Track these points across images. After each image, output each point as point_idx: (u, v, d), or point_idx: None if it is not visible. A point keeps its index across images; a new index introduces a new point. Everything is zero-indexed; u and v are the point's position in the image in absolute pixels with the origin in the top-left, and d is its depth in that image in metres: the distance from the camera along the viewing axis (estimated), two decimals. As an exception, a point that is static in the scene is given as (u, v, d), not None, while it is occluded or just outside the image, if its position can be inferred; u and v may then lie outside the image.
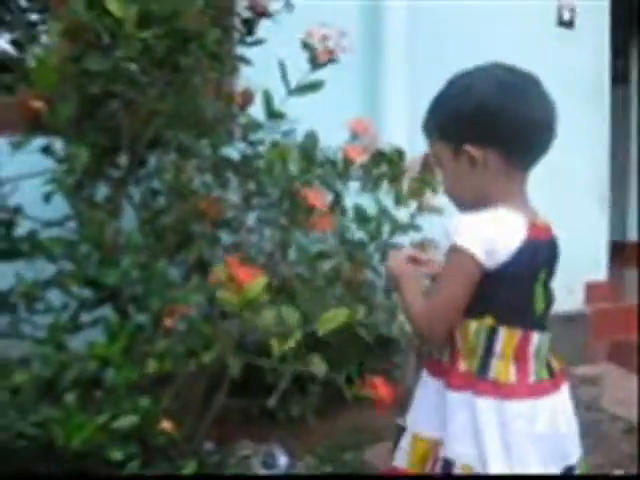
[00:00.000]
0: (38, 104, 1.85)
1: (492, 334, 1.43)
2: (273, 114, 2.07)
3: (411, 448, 1.52)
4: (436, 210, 2.53)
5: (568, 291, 4.04)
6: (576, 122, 3.65)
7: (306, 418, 2.83)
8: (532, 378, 1.44)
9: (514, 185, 1.47)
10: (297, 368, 1.86)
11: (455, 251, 1.39)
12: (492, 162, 1.42)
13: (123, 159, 2.07)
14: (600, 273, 4.45)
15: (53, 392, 1.78)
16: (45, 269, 2.04)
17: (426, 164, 2.18)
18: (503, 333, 1.43)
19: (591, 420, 3.35)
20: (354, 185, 2.35)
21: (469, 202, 1.47)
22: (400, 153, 2.16)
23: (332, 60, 2.00)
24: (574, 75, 4.05)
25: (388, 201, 2.46)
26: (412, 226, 2.59)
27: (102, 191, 2.20)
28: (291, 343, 1.74)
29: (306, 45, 2.01)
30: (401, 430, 1.59)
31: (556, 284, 1.53)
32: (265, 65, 2.22)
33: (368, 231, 2.28)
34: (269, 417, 2.81)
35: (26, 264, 2.04)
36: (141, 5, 1.83)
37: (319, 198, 1.93)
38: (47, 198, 2.18)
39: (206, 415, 2.24)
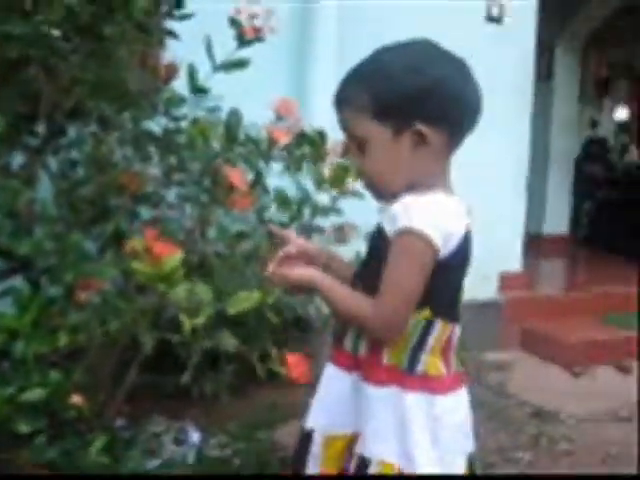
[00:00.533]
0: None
1: (427, 327, 1.35)
2: (197, 89, 2.05)
3: (325, 449, 1.45)
4: (357, 194, 2.57)
5: (483, 279, 4.16)
6: (498, 115, 3.75)
7: (220, 396, 2.84)
8: (453, 370, 1.41)
9: (447, 168, 1.40)
10: (206, 344, 1.86)
11: (408, 234, 1.28)
12: (438, 142, 1.34)
13: (41, 127, 2.01)
14: (515, 263, 4.59)
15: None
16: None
17: (348, 149, 2.20)
18: (438, 326, 1.36)
19: (499, 405, 3.48)
20: (277, 167, 2.37)
21: (400, 188, 1.35)
22: (322, 135, 2.17)
23: (259, 39, 2.00)
24: (500, 70, 4.14)
25: (310, 184, 2.48)
26: (333, 209, 2.62)
27: (18, 160, 2.15)
28: (201, 320, 1.73)
29: (234, 22, 1.99)
30: (306, 435, 1.49)
31: (472, 272, 1.49)
32: (193, 40, 2.20)
33: (289, 213, 2.28)
34: (183, 394, 2.81)
35: None
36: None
37: (240, 177, 1.93)
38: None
39: (117, 391, 2.23)
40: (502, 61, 4.15)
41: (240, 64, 2.02)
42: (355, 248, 2.90)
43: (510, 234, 4.47)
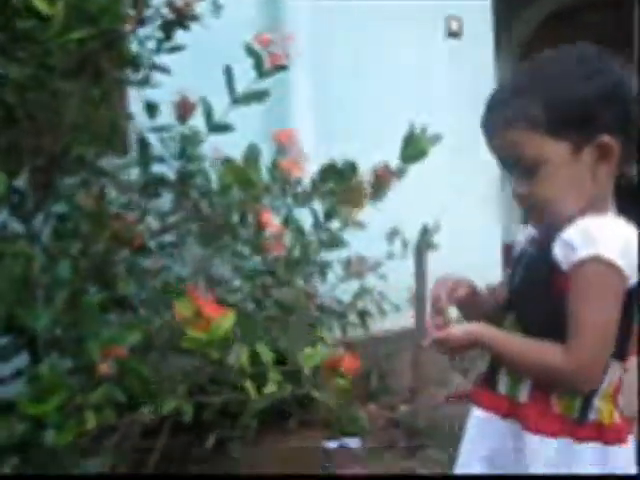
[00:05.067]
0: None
1: (605, 370, 1.20)
2: (214, 127, 1.84)
3: None
4: (359, 225, 2.42)
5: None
6: (467, 129, 3.67)
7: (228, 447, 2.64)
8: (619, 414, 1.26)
9: (611, 191, 1.24)
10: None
11: (595, 263, 1.12)
12: (619, 155, 1.18)
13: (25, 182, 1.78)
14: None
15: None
16: None
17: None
18: (613, 367, 1.21)
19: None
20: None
21: (577, 212, 1.19)
22: (353, 167, 2.00)
23: (282, 67, 1.82)
24: (462, 83, 4.08)
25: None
26: (340, 241, 2.45)
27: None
28: (271, 388, 1.54)
29: (251, 51, 1.80)
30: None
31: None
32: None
33: (304, 247, 2.11)
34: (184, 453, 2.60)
35: None
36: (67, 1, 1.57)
37: (273, 220, 1.75)
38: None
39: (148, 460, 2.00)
40: (462, 76, 4.10)
41: (259, 96, 1.83)
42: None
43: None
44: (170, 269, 2.19)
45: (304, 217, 2.30)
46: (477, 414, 1.32)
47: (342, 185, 1.94)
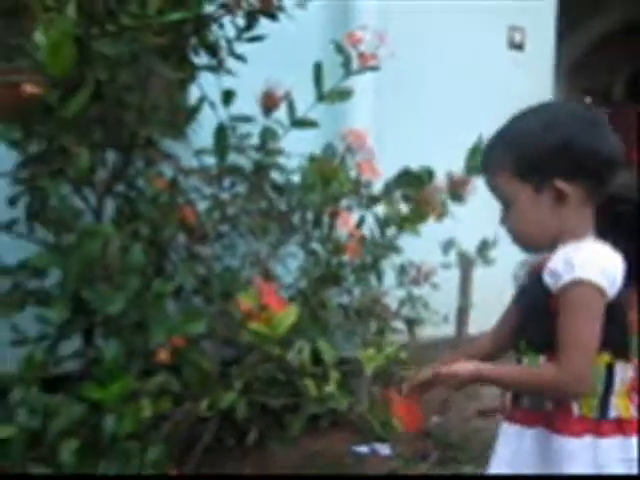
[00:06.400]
0: (32, 89, 1.50)
1: (610, 371, 1.38)
2: (299, 122, 1.80)
3: None
4: (416, 232, 2.38)
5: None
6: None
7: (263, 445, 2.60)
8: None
9: (590, 219, 1.45)
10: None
11: (577, 286, 1.31)
12: (578, 196, 1.39)
13: (113, 161, 1.75)
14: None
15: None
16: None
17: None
18: (620, 368, 1.39)
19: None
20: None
21: (545, 242, 1.42)
22: (430, 173, 1.96)
23: (373, 68, 1.77)
24: (520, 94, 4.02)
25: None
26: (394, 247, 2.42)
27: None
28: (331, 388, 1.52)
29: (340, 49, 1.76)
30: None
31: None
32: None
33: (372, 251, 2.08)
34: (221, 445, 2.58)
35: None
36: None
37: (351, 222, 1.71)
38: (13, 201, 1.84)
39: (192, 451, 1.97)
40: (523, 88, 4.04)
41: (344, 95, 1.78)
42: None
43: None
44: (229, 260, 2.16)
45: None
46: (506, 428, 1.47)
47: (419, 191, 1.90)
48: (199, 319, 1.75)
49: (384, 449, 2.93)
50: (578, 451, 1.36)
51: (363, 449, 2.92)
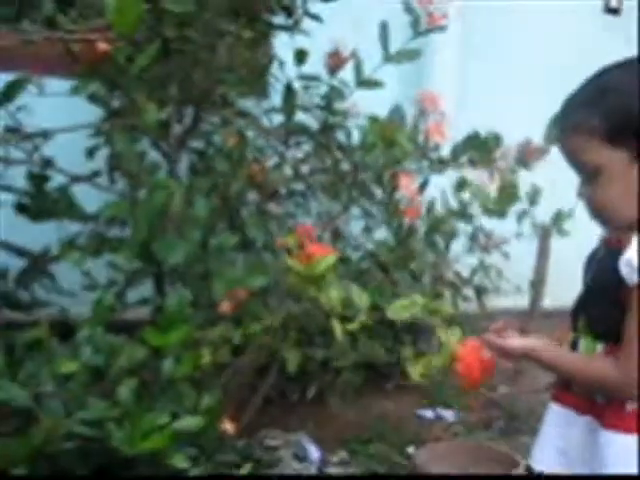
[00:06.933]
0: (104, 46, 1.57)
1: None
2: (365, 82, 1.80)
3: None
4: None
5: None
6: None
7: (326, 401, 2.66)
8: None
9: None
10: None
11: None
12: None
13: (187, 117, 1.81)
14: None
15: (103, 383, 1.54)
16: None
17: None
18: None
19: None
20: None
21: (632, 218, 1.24)
22: (497, 139, 1.92)
23: (441, 28, 1.75)
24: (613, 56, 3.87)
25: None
26: (466, 215, 2.39)
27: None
28: (354, 325, 1.53)
29: (409, 9, 1.75)
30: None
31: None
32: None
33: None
34: (281, 397, 2.65)
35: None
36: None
37: (412, 185, 1.71)
38: (91, 153, 1.92)
39: (249, 403, 2.04)
40: (614, 55, 3.88)
41: (412, 54, 1.77)
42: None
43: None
44: (296, 217, 2.20)
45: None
46: (556, 408, 1.38)
47: (485, 156, 1.87)
48: (262, 273, 1.79)
49: (449, 415, 2.94)
50: (628, 447, 1.27)
51: (428, 413, 2.94)
